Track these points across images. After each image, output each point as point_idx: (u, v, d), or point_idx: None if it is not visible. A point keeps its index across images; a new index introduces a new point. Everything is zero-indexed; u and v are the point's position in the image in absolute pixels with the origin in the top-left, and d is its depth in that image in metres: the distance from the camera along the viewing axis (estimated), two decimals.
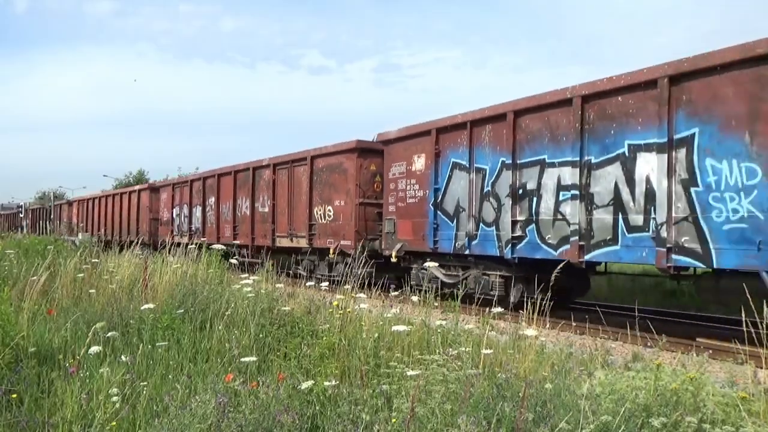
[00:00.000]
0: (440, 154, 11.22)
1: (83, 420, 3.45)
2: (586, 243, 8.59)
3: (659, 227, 7.67)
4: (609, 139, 8.36)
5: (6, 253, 9.41)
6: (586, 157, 8.62)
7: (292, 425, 3.17)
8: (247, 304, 5.58)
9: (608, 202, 8.34)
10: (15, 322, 4.86)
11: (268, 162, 16.42)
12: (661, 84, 7.68)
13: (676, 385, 3.33)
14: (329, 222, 13.92)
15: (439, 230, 11.19)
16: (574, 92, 8.77)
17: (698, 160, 7.34)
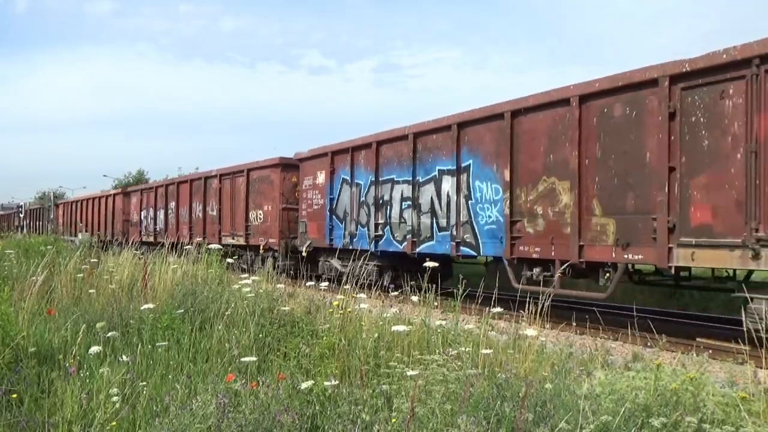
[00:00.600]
0: (334, 172, 14.41)
1: (83, 420, 3.45)
2: (417, 239, 11.86)
3: (452, 228, 10.97)
4: (428, 165, 11.71)
5: (6, 254, 9.42)
6: (417, 178, 11.94)
7: (292, 425, 3.17)
8: (247, 304, 5.58)
9: (428, 210, 11.66)
10: (15, 322, 4.86)
11: (216, 173, 19.51)
12: (453, 129, 10.98)
13: (676, 385, 3.33)
14: (260, 224, 16.83)
15: (334, 230, 14.30)
16: (410, 131, 12.10)
17: (472, 182, 10.64)
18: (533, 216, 9.41)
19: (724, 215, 7.00)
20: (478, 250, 10.41)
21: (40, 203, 51.71)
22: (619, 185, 8.18)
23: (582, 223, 8.57)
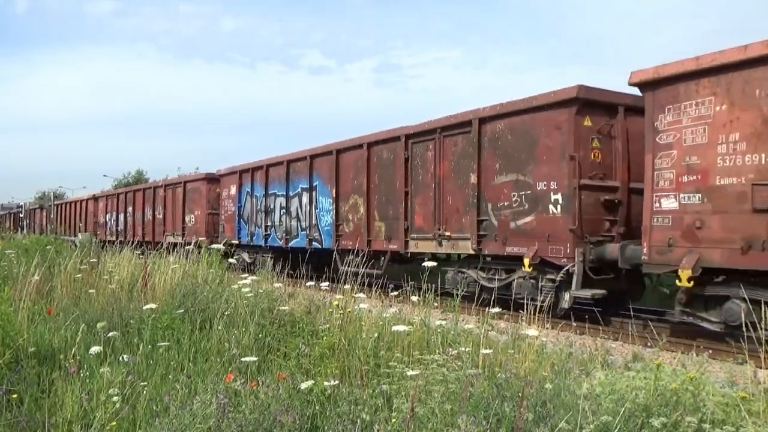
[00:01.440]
0: (241, 186, 18.59)
1: (83, 420, 3.45)
2: (289, 237, 16.14)
3: (307, 228, 15.33)
4: (295, 184, 16.05)
5: (6, 254, 9.41)
6: (288, 193, 16.22)
7: (292, 425, 3.17)
8: (247, 303, 5.58)
9: (295, 216, 16.01)
10: (15, 322, 4.86)
11: (162, 184, 24.29)
12: (308, 159, 15.34)
13: (676, 385, 3.33)
14: (193, 225, 21.28)
15: (241, 230, 18.55)
16: (285, 158, 16.29)
17: (318, 197, 15.06)
18: (348, 221, 13.97)
19: (428, 220, 11.60)
20: (321, 244, 14.84)
21: (40, 203, 51.79)
22: (386, 202, 12.77)
23: (369, 225, 13.17)
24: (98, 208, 30.72)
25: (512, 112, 9.65)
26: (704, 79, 7.27)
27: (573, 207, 8.72)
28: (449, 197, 11.02)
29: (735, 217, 6.94)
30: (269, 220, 17.00)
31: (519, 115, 9.59)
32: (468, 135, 10.47)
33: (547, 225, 9.12)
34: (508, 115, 9.75)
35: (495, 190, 10.00)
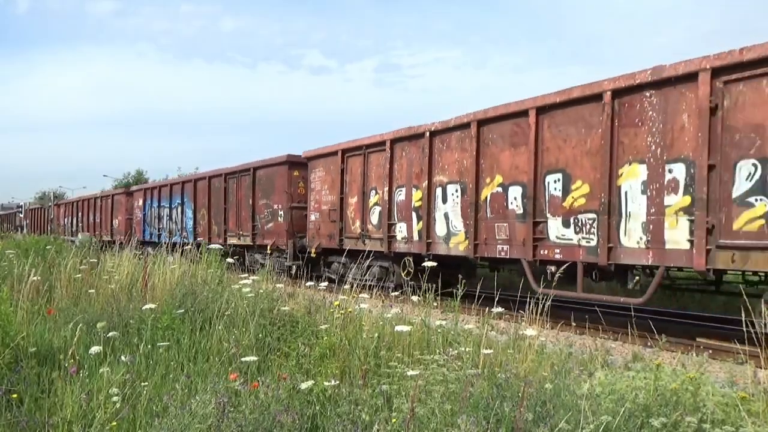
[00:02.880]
0: (145, 200, 25.40)
1: (83, 420, 3.45)
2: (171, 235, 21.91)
3: (181, 230, 21.45)
4: (174, 200, 22.47)
5: (6, 254, 9.41)
6: (171, 206, 22.72)
7: (292, 425, 3.17)
8: (247, 303, 5.58)
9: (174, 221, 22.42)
10: (15, 322, 4.86)
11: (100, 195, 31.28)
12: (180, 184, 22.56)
13: (676, 385, 3.33)
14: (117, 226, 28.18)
15: (145, 231, 25.06)
16: (169, 182, 24.20)
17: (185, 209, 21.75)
18: (200, 225, 20.70)
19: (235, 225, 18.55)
20: (188, 239, 19.94)
21: (40, 203, 51.96)
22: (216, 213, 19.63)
23: (210, 228, 19.89)
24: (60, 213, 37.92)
25: (263, 166, 17.28)
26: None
27: (288, 218, 15.96)
28: (242, 211, 18.20)
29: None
30: (161, 224, 23.98)
31: (266, 168, 17.15)
32: (249, 176, 17.86)
33: (278, 227, 16.38)
34: (263, 167, 17.34)
35: (259, 208, 17.31)
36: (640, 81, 7.77)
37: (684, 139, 7.38)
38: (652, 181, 7.73)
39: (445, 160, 11.19)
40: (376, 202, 12.92)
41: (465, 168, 10.68)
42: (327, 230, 14.40)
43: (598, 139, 8.36)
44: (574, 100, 8.69)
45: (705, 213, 7.03)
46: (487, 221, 10.22)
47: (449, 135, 11.12)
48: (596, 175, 8.38)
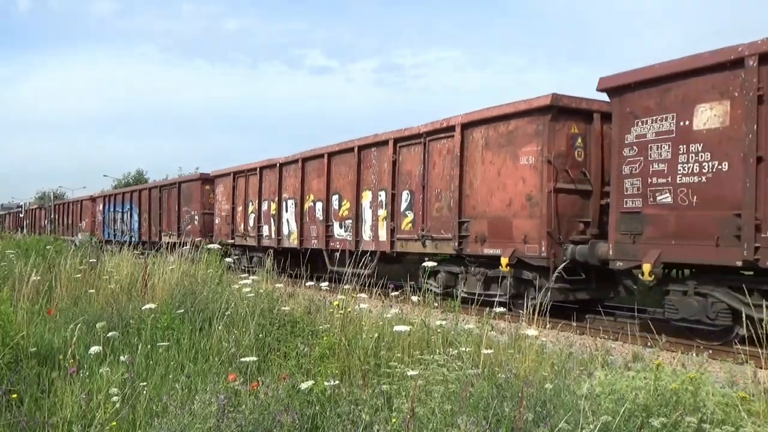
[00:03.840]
0: (105, 204, 30.37)
1: (83, 420, 3.44)
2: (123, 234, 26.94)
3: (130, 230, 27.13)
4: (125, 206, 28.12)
5: (6, 254, 9.40)
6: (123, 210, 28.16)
7: (292, 425, 3.17)
8: (247, 303, 5.58)
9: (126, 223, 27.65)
10: (15, 322, 4.86)
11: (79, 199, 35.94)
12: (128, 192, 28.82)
13: (676, 385, 3.33)
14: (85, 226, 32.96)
15: (105, 230, 30.08)
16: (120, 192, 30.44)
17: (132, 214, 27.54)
18: (143, 226, 25.18)
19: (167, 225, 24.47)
20: (130, 238, 25.00)
21: (40, 203, 52.16)
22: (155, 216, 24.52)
23: (150, 228, 24.79)
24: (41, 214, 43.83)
25: (185, 181, 23.43)
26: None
27: (201, 221, 21.33)
28: (172, 215, 23.44)
29: None
30: (116, 225, 28.84)
31: (187, 183, 22.97)
32: (176, 189, 23.22)
33: (194, 228, 21.53)
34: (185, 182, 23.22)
35: (182, 213, 22.53)
36: (370, 142, 13.60)
37: (385, 177, 13.05)
38: (373, 201, 13.49)
39: (287, 183, 16.83)
40: (252, 210, 18.51)
41: (296, 189, 16.27)
42: (225, 230, 19.93)
43: (353, 174, 13.98)
44: (344, 150, 14.50)
45: (391, 219, 12.84)
46: (307, 224, 15.87)
47: (289, 166, 16.75)
48: (353, 197, 14.03)
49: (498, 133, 10.23)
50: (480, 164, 10.53)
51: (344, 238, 14.21)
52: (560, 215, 9.44)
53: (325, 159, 14.89)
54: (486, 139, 10.46)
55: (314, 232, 15.38)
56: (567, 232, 9.50)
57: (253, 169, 18.35)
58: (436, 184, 11.59)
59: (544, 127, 9.36)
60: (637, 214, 8.04)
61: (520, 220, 9.78)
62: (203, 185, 21.40)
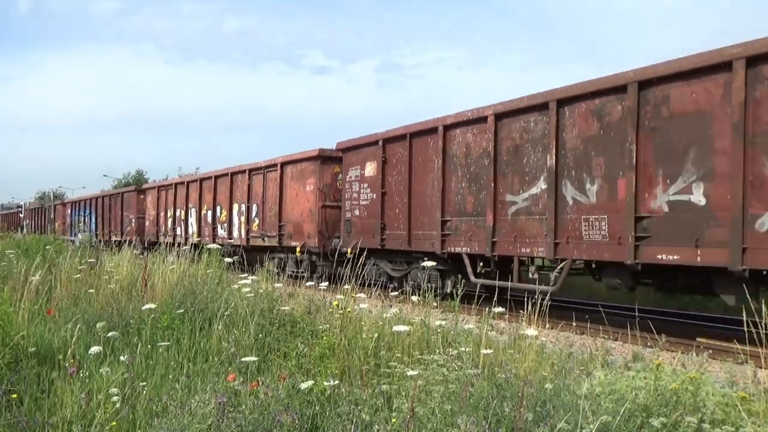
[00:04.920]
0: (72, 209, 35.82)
1: (83, 420, 3.44)
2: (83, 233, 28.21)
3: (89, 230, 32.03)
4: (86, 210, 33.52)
5: (6, 254, 9.40)
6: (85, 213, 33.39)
7: (292, 425, 3.17)
8: (247, 303, 5.57)
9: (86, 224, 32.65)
10: (15, 322, 4.86)
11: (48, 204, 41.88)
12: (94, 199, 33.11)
13: (676, 385, 3.33)
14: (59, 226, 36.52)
15: (71, 231, 33.56)
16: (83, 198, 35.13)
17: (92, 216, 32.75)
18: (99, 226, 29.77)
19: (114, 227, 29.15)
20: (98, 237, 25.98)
21: (40, 203, 52.35)
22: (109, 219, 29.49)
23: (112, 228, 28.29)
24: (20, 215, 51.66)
25: (126, 192, 28.71)
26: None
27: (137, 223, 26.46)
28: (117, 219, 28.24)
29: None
30: (78, 226, 32.85)
31: (127, 193, 28.39)
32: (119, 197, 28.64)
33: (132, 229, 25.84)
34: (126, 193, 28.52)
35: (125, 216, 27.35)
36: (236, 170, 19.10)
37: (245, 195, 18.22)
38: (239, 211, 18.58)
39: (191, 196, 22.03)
40: (170, 216, 23.81)
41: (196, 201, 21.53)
42: (152, 230, 25.30)
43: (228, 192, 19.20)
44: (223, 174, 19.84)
45: (246, 223, 17.91)
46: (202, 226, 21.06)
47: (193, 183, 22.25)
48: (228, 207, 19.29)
49: (297, 170, 16.01)
50: (289, 189, 16.25)
51: (224, 236, 19.43)
52: (327, 222, 15.01)
53: (212, 180, 20.47)
54: (292, 173, 16.21)
55: (207, 232, 20.64)
56: (332, 232, 14.95)
57: (170, 185, 24.60)
58: (269, 200, 17.06)
59: (317, 168, 15.22)
60: (349, 221, 14.12)
61: (307, 224, 15.37)
62: (138, 195, 27.14)
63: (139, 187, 28.24)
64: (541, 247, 9.33)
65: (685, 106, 7.53)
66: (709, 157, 7.27)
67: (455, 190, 11.03)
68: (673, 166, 7.64)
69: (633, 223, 7.95)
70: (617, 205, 8.26)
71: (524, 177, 9.69)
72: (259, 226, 17.37)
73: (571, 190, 8.93)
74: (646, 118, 7.92)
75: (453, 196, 11.08)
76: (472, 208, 10.67)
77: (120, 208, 28.24)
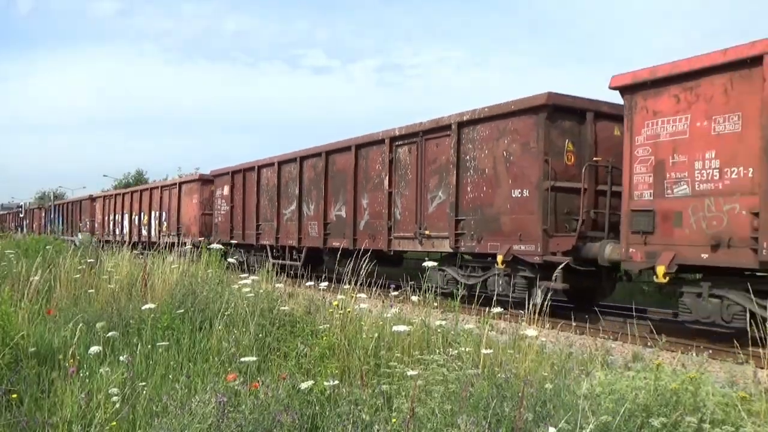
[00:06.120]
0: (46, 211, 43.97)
1: (83, 420, 3.44)
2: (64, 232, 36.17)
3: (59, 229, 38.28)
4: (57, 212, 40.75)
5: (6, 254, 9.40)
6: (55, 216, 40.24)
7: (292, 425, 3.17)
8: (247, 303, 5.57)
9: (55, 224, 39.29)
10: (15, 322, 4.85)
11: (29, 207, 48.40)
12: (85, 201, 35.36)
13: (676, 385, 3.33)
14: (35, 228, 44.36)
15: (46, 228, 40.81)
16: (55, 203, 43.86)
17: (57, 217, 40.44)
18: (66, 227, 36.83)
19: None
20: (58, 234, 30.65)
21: (40, 203, 52.78)
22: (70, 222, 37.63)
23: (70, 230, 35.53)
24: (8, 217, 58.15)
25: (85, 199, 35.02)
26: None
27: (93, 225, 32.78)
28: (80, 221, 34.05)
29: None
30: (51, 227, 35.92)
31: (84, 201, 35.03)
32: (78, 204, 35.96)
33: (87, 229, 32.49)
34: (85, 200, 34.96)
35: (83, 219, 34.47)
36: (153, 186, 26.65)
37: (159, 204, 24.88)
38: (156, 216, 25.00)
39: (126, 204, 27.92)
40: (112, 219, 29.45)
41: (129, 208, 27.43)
42: (100, 230, 30.82)
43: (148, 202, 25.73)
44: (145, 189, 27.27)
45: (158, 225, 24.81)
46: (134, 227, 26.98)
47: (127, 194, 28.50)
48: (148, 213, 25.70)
49: (188, 188, 22.39)
50: (183, 201, 22.47)
51: (145, 235, 25.31)
52: (206, 224, 21.27)
53: (140, 193, 26.85)
54: (185, 190, 22.44)
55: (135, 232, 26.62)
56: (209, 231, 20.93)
57: (112, 195, 31.04)
58: (172, 209, 23.21)
59: (199, 188, 21.62)
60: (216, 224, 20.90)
61: (193, 226, 21.65)
62: (91, 202, 33.38)
63: (91, 197, 34.36)
64: (293, 240, 16.11)
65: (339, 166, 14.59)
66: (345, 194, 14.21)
67: (263, 206, 17.80)
68: (336, 196, 14.62)
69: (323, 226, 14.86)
70: (319, 216, 15.03)
71: (289, 200, 16.45)
72: (167, 227, 23.85)
73: (305, 207, 15.80)
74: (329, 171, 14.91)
75: (262, 209, 17.85)
76: (270, 217, 17.32)
77: (79, 213, 35.14)
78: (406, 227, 12.17)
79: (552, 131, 9.41)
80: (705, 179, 7.30)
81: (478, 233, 10.44)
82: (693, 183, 7.42)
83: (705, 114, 7.31)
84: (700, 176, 7.34)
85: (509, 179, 9.93)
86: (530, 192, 9.54)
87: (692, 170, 7.43)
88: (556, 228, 9.40)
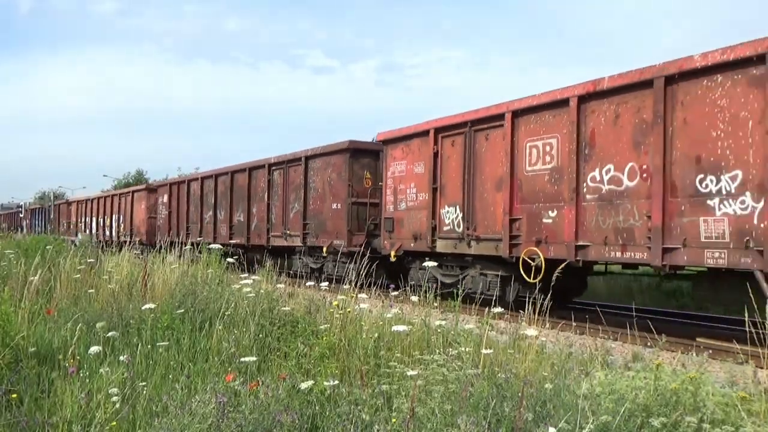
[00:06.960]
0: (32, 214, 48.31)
1: (83, 420, 3.44)
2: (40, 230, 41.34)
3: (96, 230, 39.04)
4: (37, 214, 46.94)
5: (5, 254, 9.40)
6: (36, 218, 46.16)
7: (292, 425, 3.17)
8: (247, 303, 5.57)
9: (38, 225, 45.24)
10: (15, 322, 4.86)
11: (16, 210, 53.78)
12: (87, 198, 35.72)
13: (675, 385, 3.33)
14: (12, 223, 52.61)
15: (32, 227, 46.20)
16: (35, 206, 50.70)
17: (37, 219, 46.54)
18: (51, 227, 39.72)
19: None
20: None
21: (40, 203, 53.04)
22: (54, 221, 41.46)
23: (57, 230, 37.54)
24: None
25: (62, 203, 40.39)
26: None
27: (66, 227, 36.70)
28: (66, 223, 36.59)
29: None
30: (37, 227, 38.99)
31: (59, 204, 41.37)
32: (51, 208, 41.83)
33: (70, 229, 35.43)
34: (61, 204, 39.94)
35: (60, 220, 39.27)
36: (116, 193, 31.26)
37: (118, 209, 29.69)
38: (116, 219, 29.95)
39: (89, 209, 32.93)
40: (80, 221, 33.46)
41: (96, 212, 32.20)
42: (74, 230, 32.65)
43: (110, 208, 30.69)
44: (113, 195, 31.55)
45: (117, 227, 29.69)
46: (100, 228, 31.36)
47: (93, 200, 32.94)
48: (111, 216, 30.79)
49: (138, 196, 26.73)
50: (135, 207, 26.66)
51: (108, 235, 28.90)
52: (152, 226, 24.95)
53: (104, 199, 31.05)
54: (135, 197, 26.68)
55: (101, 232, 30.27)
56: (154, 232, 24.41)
57: (84, 200, 34.27)
58: (127, 213, 27.42)
59: (146, 195, 25.77)
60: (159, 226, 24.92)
61: (142, 227, 25.71)
62: (67, 206, 37.60)
63: (68, 201, 38.78)
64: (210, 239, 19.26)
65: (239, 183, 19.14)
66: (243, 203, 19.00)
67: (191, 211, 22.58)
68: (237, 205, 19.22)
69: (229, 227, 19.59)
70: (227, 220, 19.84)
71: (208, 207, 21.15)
72: (123, 228, 27.71)
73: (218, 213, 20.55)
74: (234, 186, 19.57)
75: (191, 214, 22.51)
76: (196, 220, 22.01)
77: (58, 215, 39.12)
78: (277, 229, 17.13)
79: (354, 165, 14.47)
80: (411, 199, 12.47)
81: (315, 232, 15.44)
82: (407, 201, 12.62)
83: (411, 161, 12.52)
84: (410, 198, 12.51)
85: (331, 196, 14.91)
86: (341, 205, 14.52)
87: (407, 194, 12.66)
88: (358, 228, 14.24)
